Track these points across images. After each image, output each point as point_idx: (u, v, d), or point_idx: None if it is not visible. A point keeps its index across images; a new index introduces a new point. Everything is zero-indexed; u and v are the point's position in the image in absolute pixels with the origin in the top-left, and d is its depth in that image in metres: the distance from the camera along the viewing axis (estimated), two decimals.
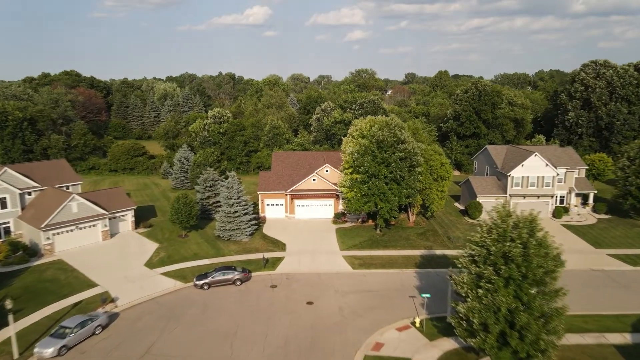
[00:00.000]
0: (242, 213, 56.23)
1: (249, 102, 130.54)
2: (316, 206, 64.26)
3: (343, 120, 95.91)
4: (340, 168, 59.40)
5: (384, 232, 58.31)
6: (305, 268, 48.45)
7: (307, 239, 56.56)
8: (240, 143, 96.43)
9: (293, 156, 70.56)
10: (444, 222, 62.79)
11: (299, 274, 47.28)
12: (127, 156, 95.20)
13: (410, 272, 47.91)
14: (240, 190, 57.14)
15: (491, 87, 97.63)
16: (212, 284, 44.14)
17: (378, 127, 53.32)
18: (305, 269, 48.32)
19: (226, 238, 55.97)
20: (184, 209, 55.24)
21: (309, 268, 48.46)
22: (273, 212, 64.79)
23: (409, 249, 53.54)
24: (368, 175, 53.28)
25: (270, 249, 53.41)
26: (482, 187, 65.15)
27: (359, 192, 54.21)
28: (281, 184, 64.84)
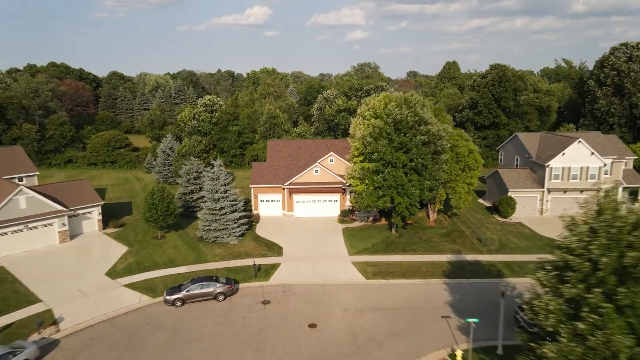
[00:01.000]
0: (230, 210, 46.59)
1: (245, 92, 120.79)
2: (319, 202, 54.57)
3: (348, 108, 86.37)
4: (349, 156, 49.73)
5: (400, 233, 48.65)
6: (306, 278, 38.82)
7: (309, 241, 46.92)
8: (233, 134, 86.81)
9: (291, 145, 60.92)
10: (469, 221, 53.11)
11: (298, 285, 37.65)
12: (107, 148, 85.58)
13: (437, 283, 38.25)
14: (227, 182, 47.49)
15: (513, 72, 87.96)
16: (187, 299, 34.50)
17: (395, 105, 43.67)
18: (306, 278, 38.68)
19: (211, 240, 46.33)
20: (160, 205, 45.60)
21: (310, 278, 38.83)
22: (268, 209, 55.13)
23: (432, 254, 43.88)
24: (383, 163, 43.62)
25: (263, 254, 43.78)
26: (514, 180, 55.47)
27: (371, 184, 44.59)
28: (278, 177, 55.20)
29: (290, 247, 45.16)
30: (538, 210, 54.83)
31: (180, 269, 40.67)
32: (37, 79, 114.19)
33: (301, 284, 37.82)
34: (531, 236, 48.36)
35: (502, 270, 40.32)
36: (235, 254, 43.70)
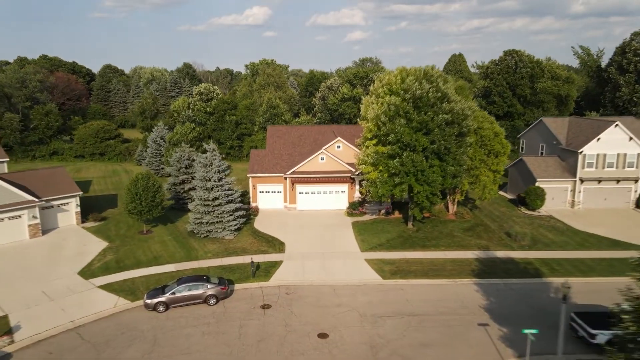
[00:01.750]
0: (225, 200, 40.97)
1: (243, 82, 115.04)
2: (325, 193, 48.95)
3: (353, 97, 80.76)
4: (359, 141, 44.17)
5: (417, 227, 43.06)
6: (314, 277, 33.20)
7: (314, 236, 41.31)
8: (231, 124, 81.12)
9: (294, 131, 55.30)
10: (493, 215, 47.50)
11: (304, 286, 32.05)
12: (96, 139, 79.82)
13: (467, 283, 32.62)
14: (222, 169, 41.88)
15: (529, 58, 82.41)
16: (171, 303, 28.87)
17: (414, 79, 38.05)
18: (314, 278, 33.07)
19: (203, 235, 40.71)
20: (145, 195, 39.97)
21: (318, 277, 33.22)
22: (268, 201, 49.50)
23: (456, 250, 38.28)
24: (400, 146, 38.01)
25: (263, 250, 38.17)
26: (542, 168, 49.86)
27: (386, 170, 38.98)
28: (279, 165, 49.58)
29: (293, 243, 39.56)
30: (569, 203, 49.24)
31: (166, 267, 35.02)
32: (24, 69, 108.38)
33: (307, 285, 32.21)
34: (566, 230, 42.77)
35: (540, 268, 34.72)
36: (231, 251, 38.07)
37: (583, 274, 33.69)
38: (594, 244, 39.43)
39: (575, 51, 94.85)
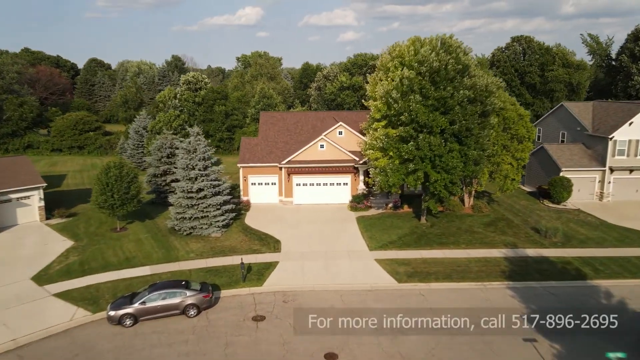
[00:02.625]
0: (212, 192, 35.47)
1: (234, 74, 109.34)
2: (325, 185, 43.58)
3: (352, 85, 75.50)
4: (365, 124, 38.93)
5: (431, 222, 37.83)
6: (315, 281, 27.82)
7: (314, 233, 35.92)
8: (220, 115, 75.47)
9: (290, 117, 49.87)
10: (514, 208, 42.38)
11: (304, 291, 26.65)
12: (74, 131, 73.79)
13: (498, 287, 27.39)
14: (208, 156, 36.39)
15: (538, 44, 77.53)
16: (141, 315, 23.36)
17: (430, 49, 32.76)
18: (315, 282, 27.68)
19: (185, 232, 35.17)
20: (118, 186, 34.37)
21: (320, 281, 27.84)
22: (261, 194, 44.03)
23: (480, 247, 33.06)
24: (415, 127, 32.73)
25: (255, 249, 32.71)
26: (566, 157, 44.83)
27: (397, 156, 33.69)
28: (273, 154, 44.14)
29: (290, 241, 34.13)
30: (597, 195, 44.26)
31: (139, 270, 29.45)
32: (0, 59, 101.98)
33: (308, 291, 26.81)
34: (599, 225, 37.73)
35: (582, 269, 29.59)
36: (217, 250, 32.56)
37: (633, 275, 28.62)
38: (635, 240, 34.37)
39: (584, 39, 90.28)
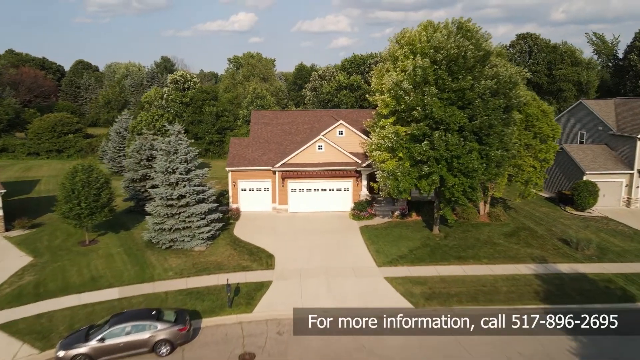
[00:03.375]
0: (195, 199, 30.87)
1: (225, 75, 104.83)
2: (324, 191, 39.12)
3: (351, 84, 71.28)
4: (369, 122, 34.62)
5: (445, 232, 33.43)
6: (315, 305, 23.24)
7: (313, 245, 31.38)
8: (210, 116, 70.88)
9: (284, 116, 45.43)
10: (534, 216, 38.13)
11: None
12: (52, 134, 68.83)
13: (537, 312, 22.97)
14: (191, 157, 31.81)
15: (545, 42, 73.89)
16: (99, 355, 18.68)
17: (446, 33, 28.47)
18: (316, 307, 23.08)
19: (164, 245, 30.50)
20: (85, 193, 29.68)
21: (322, 305, 23.27)
22: (252, 201, 39.47)
23: (504, 262, 28.69)
24: (429, 124, 28.39)
25: (244, 266, 28.11)
26: (590, 159, 40.73)
27: (407, 158, 29.34)
28: (265, 156, 39.64)
29: (285, 256, 29.57)
30: (623, 200, 40.18)
31: (105, 293, 24.76)
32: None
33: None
34: (634, 235, 33.54)
35: (627, 288, 25.31)
36: (201, 267, 27.92)
37: None
38: None
39: (590, 38, 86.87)
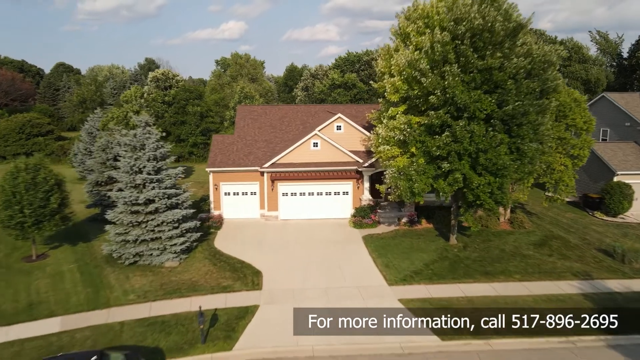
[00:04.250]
0: (166, 205, 25.54)
1: (212, 75, 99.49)
2: (320, 195, 33.92)
3: (345, 83, 66.44)
4: (373, 113, 29.67)
5: (463, 242, 28.42)
6: (315, 340, 17.98)
7: (309, 260, 26.11)
8: (194, 116, 65.52)
9: (274, 111, 40.32)
10: (560, 222, 33.30)
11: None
12: (20, 135, 62.99)
13: (595, 344, 17.92)
14: (162, 154, 26.54)
15: (550, 39, 69.85)
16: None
17: (469, 2, 23.63)
18: (315, 342, 17.85)
19: (128, 261, 25.07)
20: (29, 197, 24.26)
21: (325, 341, 18.01)
22: (237, 207, 34.13)
23: (540, 279, 23.66)
24: (450, 111, 23.44)
25: (225, 286, 22.76)
26: (619, 158, 36.10)
27: (421, 154, 24.36)
28: (252, 155, 34.43)
29: (275, 272, 24.29)
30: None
31: (44, 324, 19.28)
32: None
33: (305, 358, 17.02)
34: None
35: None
36: (171, 288, 22.53)
37: None
38: None
39: (593, 36, 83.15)
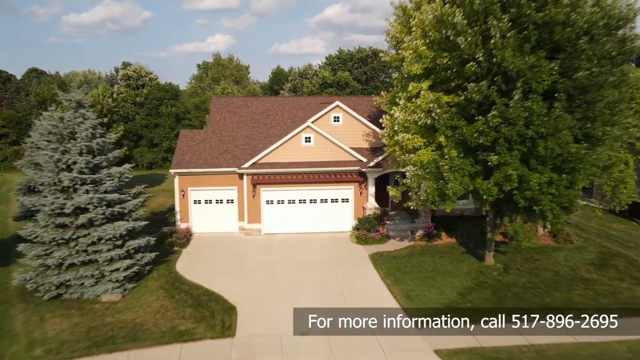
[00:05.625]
0: (104, 215, 18.54)
1: (193, 78, 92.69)
2: (313, 203, 27.18)
3: (338, 82, 60.20)
4: (384, 97, 23.24)
5: (502, 262, 21.84)
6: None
7: (301, 288, 19.22)
8: (169, 118, 58.56)
9: (257, 103, 33.67)
10: (609, 234, 27.03)
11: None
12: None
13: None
14: (100, 145, 19.63)
15: None
16: None
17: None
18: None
19: (49, 294, 17.95)
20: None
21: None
22: (209, 219, 27.17)
23: (627, 314, 17.03)
24: (497, 82, 17.01)
25: (182, 331, 15.73)
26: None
27: (452, 145, 17.89)
28: (229, 154, 27.65)
29: (256, 307, 17.35)
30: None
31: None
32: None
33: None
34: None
35: None
36: (101, 337, 15.44)
37: None
38: None
39: None
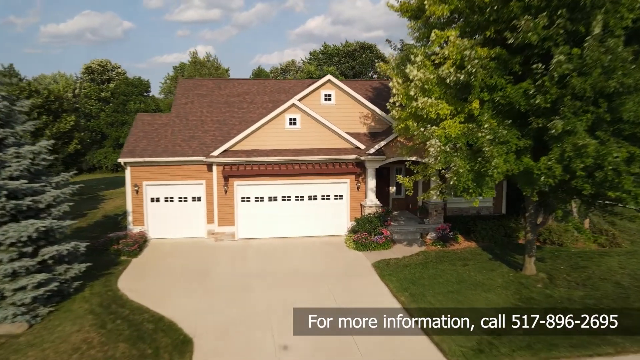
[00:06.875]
0: (4, 210, 13.08)
1: (167, 79, 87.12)
2: (300, 200, 22.03)
3: (325, 75, 55.52)
4: (394, 59, 18.36)
5: (542, 270, 16.97)
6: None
7: (285, 313, 13.89)
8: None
9: (233, 86, 28.56)
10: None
11: None
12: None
13: None
14: (7, 114, 14.14)
15: None
16: None
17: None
18: None
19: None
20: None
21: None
22: (169, 220, 21.77)
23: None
24: (562, 15, 12.24)
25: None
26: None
27: (490, 111, 13.00)
28: (196, 141, 22.41)
29: (221, 341, 12.02)
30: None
31: None
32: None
33: None
34: None
35: None
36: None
37: None
38: None
39: None
